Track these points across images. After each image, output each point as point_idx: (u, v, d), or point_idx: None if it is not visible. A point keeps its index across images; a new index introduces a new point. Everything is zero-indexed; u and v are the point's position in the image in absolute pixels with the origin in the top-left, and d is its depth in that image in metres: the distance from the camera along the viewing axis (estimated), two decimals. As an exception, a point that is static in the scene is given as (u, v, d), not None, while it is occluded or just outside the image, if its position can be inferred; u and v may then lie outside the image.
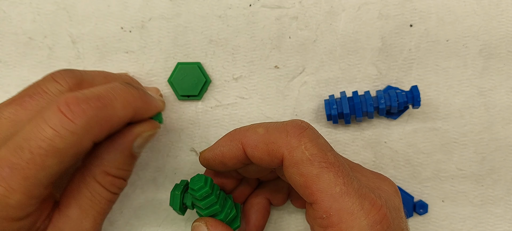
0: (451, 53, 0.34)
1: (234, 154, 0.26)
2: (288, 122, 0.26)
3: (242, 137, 0.26)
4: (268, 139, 0.25)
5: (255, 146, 0.26)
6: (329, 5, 0.34)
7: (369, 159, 0.34)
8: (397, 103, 0.31)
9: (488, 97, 0.33)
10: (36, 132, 0.22)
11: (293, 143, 0.24)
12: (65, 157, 0.22)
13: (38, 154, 0.21)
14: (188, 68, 0.33)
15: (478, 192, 0.33)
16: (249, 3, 0.34)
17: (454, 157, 0.33)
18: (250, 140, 0.26)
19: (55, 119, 0.22)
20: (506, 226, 0.33)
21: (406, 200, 0.33)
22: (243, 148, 0.26)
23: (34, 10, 0.34)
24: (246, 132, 0.26)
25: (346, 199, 0.23)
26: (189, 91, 0.33)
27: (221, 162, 0.27)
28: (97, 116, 0.23)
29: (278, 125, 0.26)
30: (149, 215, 0.34)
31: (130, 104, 0.25)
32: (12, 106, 0.24)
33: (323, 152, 0.24)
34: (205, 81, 0.33)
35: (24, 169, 0.21)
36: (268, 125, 0.26)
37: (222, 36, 0.34)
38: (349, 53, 0.34)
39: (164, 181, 0.34)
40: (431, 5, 0.34)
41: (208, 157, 0.28)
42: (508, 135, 0.33)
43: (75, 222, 0.25)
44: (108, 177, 0.26)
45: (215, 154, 0.27)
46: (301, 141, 0.24)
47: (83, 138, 0.22)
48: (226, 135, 0.28)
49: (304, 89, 0.34)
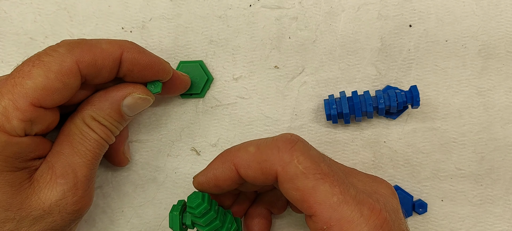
0: (450, 53, 0.34)
1: (228, 176, 0.26)
2: (278, 137, 0.25)
3: (233, 157, 0.26)
4: (260, 157, 0.25)
5: (247, 166, 0.25)
6: (329, 6, 0.34)
7: (368, 158, 0.34)
8: (396, 103, 0.31)
9: (487, 97, 0.34)
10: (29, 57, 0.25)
11: (285, 158, 0.24)
12: (49, 72, 0.24)
13: (26, 65, 0.24)
14: (190, 67, 0.33)
15: (477, 191, 0.33)
16: (249, 4, 0.34)
17: (453, 157, 0.34)
18: (242, 160, 0.26)
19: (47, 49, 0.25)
20: (505, 226, 0.33)
21: (405, 199, 0.33)
22: (236, 169, 0.26)
23: (35, 11, 0.34)
24: (237, 152, 0.26)
25: (344, 207, 0.23)
26: (192, 90, 0.33)
27: (215, 185, 0.27)
28: (79, 42, 0.26)
29: (269, 141, 0.25)
30: (150, 214, 0.34)
31: (117, 42, 0.27)
32: None
33: (316, 164, 0.24)
34: (207, 79, 0.33)
35: (13, 77, 0.24)
36: (258, 143, 0.26)
37: (222, 37, 0.34)
38: (348, 54, 0.34)
39: (165, 180, 0.34)
40: (430, 6, 0.34)
41: (202, 181, 0.27)
42: (507, 134, 0.33)
43: (66, 157, 0.27)
44: (95, 122, 0.28)
45: (209, 178, 0.27)
46: (293, 155, 0.24)
47: (66, 56, 0.25)
48: (217, 157, 0.27)
49: (304, 89, 0.34)
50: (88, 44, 0.26)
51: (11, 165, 0.25)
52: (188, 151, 0.34)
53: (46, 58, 0.24)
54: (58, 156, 0.27)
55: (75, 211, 0.27)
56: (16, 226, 0.25)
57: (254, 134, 0.34)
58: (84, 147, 0.27)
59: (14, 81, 0.24)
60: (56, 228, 0.26)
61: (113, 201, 0.34)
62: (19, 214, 0.25)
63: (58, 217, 0.26)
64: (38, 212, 0.25)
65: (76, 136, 0.27)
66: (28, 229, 0.25)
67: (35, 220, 0.25)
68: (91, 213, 0.34)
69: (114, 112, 0.28)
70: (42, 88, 0.24)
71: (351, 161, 0.34)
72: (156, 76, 0.29)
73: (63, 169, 0.26)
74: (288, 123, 0.34)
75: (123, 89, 0.28)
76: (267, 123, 0.34)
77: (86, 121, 0.27)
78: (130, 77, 0.28)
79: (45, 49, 0.25)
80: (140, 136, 0.34)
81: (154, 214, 0.34)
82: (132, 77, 0.28)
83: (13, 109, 0.24)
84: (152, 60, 0.28)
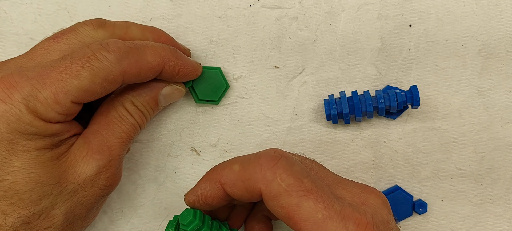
0: (450, 53, 0.34)
1: (215, 194, 0.26)
2: (261, 154, 0.25)
3: (219, 176, 0.26)
4: (244, 176, 0.25)
5: (233, 185, 0.26)
6: (329, 6, 0.34)
7: (368, 158, 0.34)
8: (396, 103, 0.31)
9: (487, 97, 0.34)
10: (78, 51, 0.26)
11: (268, 176, 0.24)
12: (96, 77, 0.26)
13: (75, 64, 0.25)
14: (209, 73, 0.33)
15: (477, 191, 0.33)
16: (249, 4, 0.34)
17: (453, 157, 0.34)
18: (228, 179, 0.26)
19: (95, 46, 0.26)
20: (505, 225, 0.33)
21: (405, 199, 0.33)
22: (222, 187, 0.26)
23: (35, 11, 0.34)
24: (223, 170, 0.26)
25: (329, 224, 0.23)
26: (209, 97, 0.33)
27: (204, 203, 0.27)
28: (128, 53, 0.27)
29: (252, 159, 0.25)
30: (150, 214, 0.34)
31: (160, 54, 0.29)
32: (47, 41, 0.28)
33: (299, 180, 0.24)
34: (226, 87, 0.33)
35: (60, 72, 0.25)
36: (243, 160, 0.26)
37: (223, 37, 0.34)
38: (348, 54, 0.34)
39: (165, 180, 0.34)
40: (430, 6, 0.34)
41: (192, 200, 0.28)
42: (507, 134, 0.33)
43: (103, 137, 0.28)
44: (133, 107, 0.30)
45: (197, 197, 0.27)
46: (275, 173, 0.24)
47: (114, 66, 0.26)
48: (205, 174, 0.28)
49: (304, 89, 0.34)
50: (136, 56, 0.27)
51: (49, 143, 0.26)
52: (188, 151, 0.34)
53: (96, 64, 0.26)
54: (95, 134, 0.28)
55: (106, 187, 0.28)
56: (52, 201, 0.26)
57: (254, 134, 0.34)
58: (120, 128, 0.29)
59: (60, 76, 0.25)
60: (86, 204, 0.28)
61: (113, 201, 0.34)
62: (56, 189, 0.26)
63: (90, 192, 0.27)
64: (72, 186, 0.27)
65: (115, 118, 0.29)
66: (62, 204, 0.26)
67: (70, 195, 0.27)
68: (91, 213, 0.34)
69: (152, 100, 0.30)
70: (85, 90, 0.26)
71: (351, 161, 0.34)
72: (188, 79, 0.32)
73: (99, 147, 0.28)
74: (288, 122, 0.34)
75: (161, 81, 0.30)
76: (267, 123, 0.34)
77: (126, 105, 0.29)
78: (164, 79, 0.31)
79: (95, 50, 0.26)
80: (140, 136, 0.34)
81: (154, 214, 0.34)
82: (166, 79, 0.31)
83: (53, 102, 0.25)
84: (188, 71, 0.31)
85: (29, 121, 0.25)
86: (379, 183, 0.34)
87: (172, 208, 0.34)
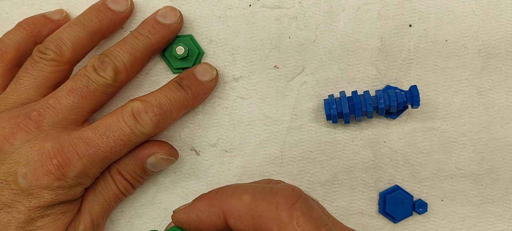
0: (450, 53, 0.34)
1: (213, 222, 0.23)
2: (278, 190, 0.22)
3: (224, 204, 0.23)
4: (254, 211, 0.22)
5: (238, 217, 0.22)
6: (329, 6, 0.34)
7: (368, 158, 0.34)
8: (396, 103, 0.31)
9: (487, 97, 0.34)
10: (118, 128, 0.29)
11: (283, 218, 0.21)
12: (131, 147, 0.30)
13: (119, 144, 0.29)
14: (180, 41, 0.33)
15: (477, 191, 0.33)
16: (249, 4, 0.34)
17: (453, 157, 0.33)
18: (234, 209, 0.23)
19: (131, 121, 0.29)
20: (505, 225, 0.33)
21: (405, 199, 0.33)
22: (224, 217, 0.23)
23: (36, 11, 0.34)
24: (229, 198, 0.23)
25: None
26: (183, 64, 0.33)
27: (196, 228, 0.24)
28: (159, 122, 0.29)
29: (267, 193, 0.23)
30: (150, 214, 0.34)
31: (183, 107, 0.31)
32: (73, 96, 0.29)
33: (317, 229, 0.21)
34: (198, 53, 0.33)
35: (107, 152, 0.28)
36: (254, 191, 0.23)
37: (222, 37, 0.34)
38: (348, 53, 0.34)
39: (164, 181, 0.34)
40: (430, 6, 0.34)
41: (183, 220, 0.25)
42: (507, 134, 0.33)
43: (88, 202, 0.30)
44: (118, 176, 0.31)
45: (191, 219, 0.24)
46: (293, 215, 0.21)
47: (147, 137, 0.30)
48: (205, 196, 0.24)
49: (304, 89, 0.34)
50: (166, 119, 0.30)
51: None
52: (188, 151, 0.34)
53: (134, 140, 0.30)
54: (83, 200, 0.30)
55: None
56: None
57: (253, 134, 0.34)
58: (103, 196, 0.31)
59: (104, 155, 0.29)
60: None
61: (113, 201, 0.34)
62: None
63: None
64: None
65: (100, 186, 0.31)
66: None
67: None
68: (91, 212, 0.34)
69: (138, 168, 0.31)
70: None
71: (351, 161, 0.34)
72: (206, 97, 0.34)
73: (83, 211, 0.30)
74: (288, 122, 0.34)
75: (148, 148, 0.31)
76: (267, 123, 0.34)
77: (112, 173, 0.31)
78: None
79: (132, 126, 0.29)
80: (140, 135, 0.34)
81: (154, 214, 0.34)
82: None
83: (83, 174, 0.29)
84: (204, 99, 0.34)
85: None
86: (379, 183, 0.34)
87: (172, 208, 0.34)
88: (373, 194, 0.34)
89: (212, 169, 0.34)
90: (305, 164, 0.34)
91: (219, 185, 0.34)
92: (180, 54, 0.32)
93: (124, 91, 0.34)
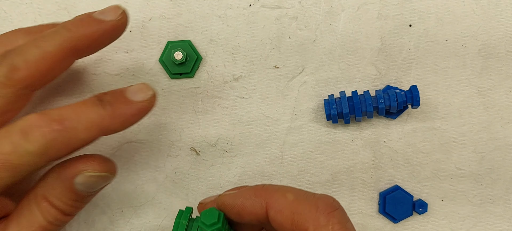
0: (450, 53, 0.34)
1: (255, 211, 0.25)
2: (319, 197, 0.24)
3: (269, 196, 0.25)
4: (295, 208, 0.24)
5: (279, 211, 0.24)
6: (329, 5, 0.34)
7: (368, 158, 0.34)
8: (396, 103, 0.31)
9: (487, 97, 0.34)
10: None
11: (321, 220, 0.23)
12: (19, 172, 0.23)
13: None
14: (178, 46, 0.33)
15: (477, 191, 0.33)
16: (249, 3, 0.34)
17: (453, 157, 0.34)
18: (277, 204, 0.25)
19: (16, 137, 0.22)
20: (505, 225, 0.33)
21: (405, 199, 0.33)
22: (266, 208, 0.25)
23: (35, 11, 0.34)
24: (275, 193, 0.25)
25: None
26: (181, 69, 0.33)
27: (238, 213, 0.26)
28: (56, 140, 0.23)
29: (309, 196, 0.24)
30: (149, 214, 0.34)
31: (96, 126, 0.24)
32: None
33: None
34: (197, 58, 0.33)
35: None
36: (298, 193, 0.25)
37: (222, 36, 0.34)
38: (348, 53, 0.34)
39: (165, 181, 0.34)
40: (430, 5, 0.34)
41: (228, 204, 0.26)
42: (507, 134, 0.33)
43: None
44: (45, 203, 0.25)
45: (236, 204, 0.26)
46: (330, 221, 0.23)
47: (39, 158, 0.23)
48: (251, 188, 0.26)
49: (304, 89, 0.34)
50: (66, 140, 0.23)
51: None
52: (188, 151, 0.34)
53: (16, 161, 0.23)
54: (6, 227, 0.25)
55: None
56: None
57: (254, 134, 0.34)
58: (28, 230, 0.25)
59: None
60: None
61: (113, 201, 0.34)
62: None
63: None
64: None
65: (24, 217, 0.25)
66: None
67: None
68: (90, 213, 0.34)
69: (68, 191, 0.25)
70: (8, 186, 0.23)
71: (351, 161, 0.34)
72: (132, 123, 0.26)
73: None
74: (288, 122, 0.34)
75: (73, 166, 0.25)
76: (267, 123, 0.34)
77: (37, 199, 0.25)
78: None
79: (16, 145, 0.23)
80: (140, 136, 0.34)
81: (154, 214, 0.34)
82: None
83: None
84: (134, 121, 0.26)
85: None
86: (379, 183, 0.34)
87: (172, 208, 0.34)
88: (373, 194, 0.34)
89: (212, 169, 0.34)
90: (305, 164, 0.34)
91: (219, 185, 0.34)
92: (178, 60, 0.32)
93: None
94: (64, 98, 0.34)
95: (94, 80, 0.34)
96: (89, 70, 0.34)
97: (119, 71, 0.34)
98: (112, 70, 0.34)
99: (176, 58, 0.32)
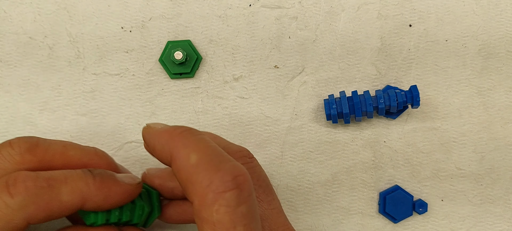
0: (450, 53, 0.34)
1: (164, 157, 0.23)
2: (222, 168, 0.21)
3: (174, 150, 0.23)
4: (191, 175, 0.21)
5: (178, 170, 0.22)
6: (329, 5, 0.34)
7: (368, 158, 0.34)
8: (396, 103, 0.31)
9: (487, 97, 0.34)
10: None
11: (208, 198, 0.21)
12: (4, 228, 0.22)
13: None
14: (178, 46, 0.33)
15: (477, 191, 0.33)
16: (249, 3, 0.34)
17: (453, 156, 0.34)
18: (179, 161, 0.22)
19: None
20: (505, 225, 0.33)
21: (406, 199, 0.33)
22: (171, 160, 0.23)
23: (34, 10, 0.34)
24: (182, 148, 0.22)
25: None
26: (181, 69, 0.33)
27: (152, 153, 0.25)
28: (37, 195, 0.22)
29: (215, 162, 0.22)
30: (149, 214, 0.34)
31: (80, 191, 0.23)
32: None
33: (233, 225, 0.21)
34: (197, 58, 0.33)
35: None
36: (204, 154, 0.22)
37: (222, 36, 0.34)
38: (348, 53, 0.34)
39: (164, 180, 0.34)
40: (430, 5, 0.34)
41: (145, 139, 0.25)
42: (507, 134, 0.33)
43: None
44: None
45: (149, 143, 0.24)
46: (216, 201, 0.21)
47: (16, 213, 0.22)
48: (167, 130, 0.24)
49: (304, 89, 0.34)
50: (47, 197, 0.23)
51: None
52: (188, 151, 0.34)
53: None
54: None
55: None
56: None
57: (254, 134, 0.34)
58: None
59: None
60: None
61: (113, 201, 0.34)
62: None
63: None
64: None
65: None
66: None
67: None
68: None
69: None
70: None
71: (351, 161, 0.34)
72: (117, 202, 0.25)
73: None
74: (288, 122, 0.34)
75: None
76: (267, 123, 0.34)
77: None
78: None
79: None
80: (140, 136, 0.34)
81: (153, 214, 0.34)
82: None
83: None
84: (117, 200, 0.25)
85: None
86: (379, 183, 0.34)
87: (172, 208, 0.34)
88: (373, 194, 0.34)
89: (212, 169, 0.34)
90: (305, 164, 0.34)
91: (219, 185, 0.34)
92: (178, 59, 0.32)
93: (124, 91, 0.34)
94: (64, 98, 0.33)
95: (94, 80, 0.34)
96: (89, 70, 0.34)
97: (119, 71, 0.34)
98: (112, 70, 0.34)
99: (176, 58, 0.32)
